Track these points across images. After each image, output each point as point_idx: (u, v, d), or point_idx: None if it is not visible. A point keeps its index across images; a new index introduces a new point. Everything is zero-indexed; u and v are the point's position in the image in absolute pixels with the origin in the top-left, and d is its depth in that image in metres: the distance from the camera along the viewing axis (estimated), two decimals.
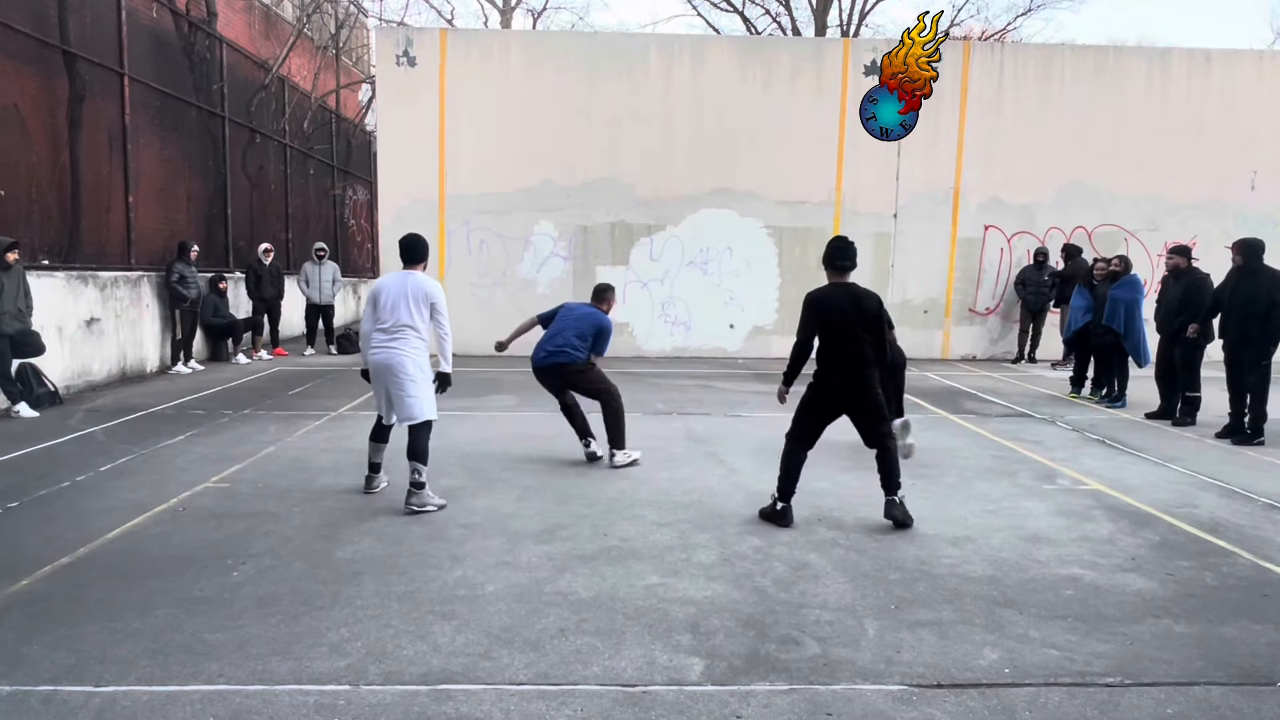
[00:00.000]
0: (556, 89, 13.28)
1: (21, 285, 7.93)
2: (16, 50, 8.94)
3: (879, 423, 5.07)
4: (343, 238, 21.28)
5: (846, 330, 4.95)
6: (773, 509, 5.12)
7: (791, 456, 5.12)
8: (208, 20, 13.44)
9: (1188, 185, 13.79)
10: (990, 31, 26.83)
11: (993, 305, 14.07)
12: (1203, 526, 5.19)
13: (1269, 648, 3.56)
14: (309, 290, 13.65)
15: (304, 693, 3.06)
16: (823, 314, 4.99)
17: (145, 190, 11.31)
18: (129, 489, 5.61)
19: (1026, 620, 3.78)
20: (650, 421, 8.18)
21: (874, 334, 5.01)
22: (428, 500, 5.27)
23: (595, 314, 6.60)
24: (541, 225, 13.41)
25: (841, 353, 4.99)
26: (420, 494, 5.25)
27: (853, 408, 5.10)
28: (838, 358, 5.00)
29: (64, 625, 3.57)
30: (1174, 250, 8.70)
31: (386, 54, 13.17)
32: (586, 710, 2.99)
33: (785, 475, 5.09)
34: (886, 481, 5.08)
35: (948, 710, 3.02)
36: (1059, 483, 6.19)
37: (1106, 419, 8.80)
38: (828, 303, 5.01)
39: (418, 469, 5.26)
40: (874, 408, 5.05)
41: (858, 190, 13.59)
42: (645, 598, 3.95)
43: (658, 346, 13.64)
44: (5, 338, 7.80)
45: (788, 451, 5.14)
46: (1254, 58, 14.24)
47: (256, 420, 8.02)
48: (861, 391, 5.02)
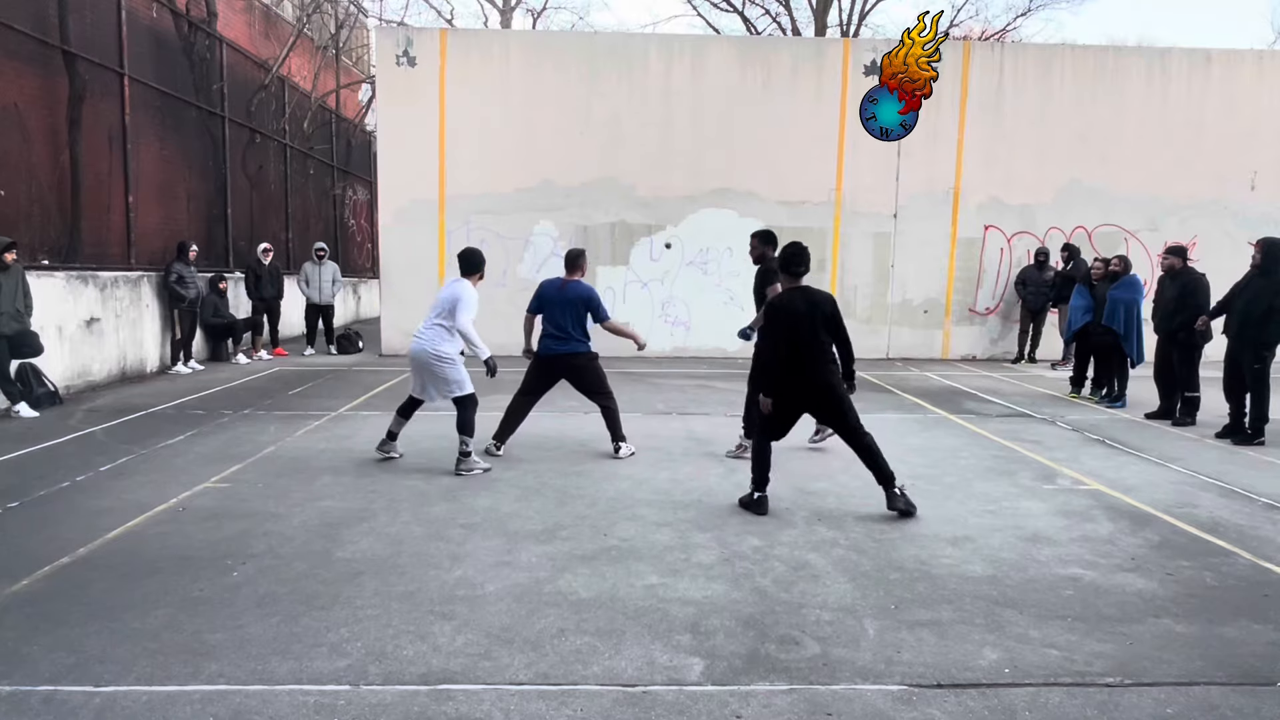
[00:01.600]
0: (556, 89, 13.27)
1: (21, 286, 7.93)
2: (16, 50, 8.94)
3: (844, 418, 5.33)
4: (343, 238, 21.29)
5: (809, 333, 5.22)
6: (750, 498, 5.39)
7: (763, 450, 5.40)
8: (208, 20, 13.44)
9: (1188, 185, 13.79)
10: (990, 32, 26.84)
11: (993, 305, 14.07)
12: (1203, 526, 5.19)
13: (1269, 648, 3.56)
14: (309, 290, 13.65)
15: (304, 693, 3.06)
16: (785, 319, 5.24)
17: (145, 190, 11.31)
18: (129, 489, 5.61)
19: (1026, 620, 3.78)
20: (650, 421, 8.17)
21: (832, 334, 5.31)
22: (473, 466, 6.10)
23: (577, 289, 6.64)
24: (541, 225, 13.41)
25: (803, 354, 5.24)
26: (465, 461, 6.10)
27: (817, 407, 5.44)
28: (799, 359, 5.24)
29: (64, 625, 3.57)
30: (1170, 251, 8.69)
31: (386, 54, 13.17)
32: (586, 710, 2.99)
33: (759, 467, 5.38)
34: (878, 475, 5.33)
35: (948, 710, 3.02)
36: (1059, 483, 6.19)
37: (1106, 419, 8.80)
38: (788, 308, 5.27)
39: (463, 440, 6.09)
40: (837, 405, 5.32)
41: (858, 190, 13.59)
42: (645, 598, 3.95)
43: (658, 346, 13.62)
44: (3, 339, 7.79)
45: (759, 446, 5.42)
46: (1254, 58, 14.23)
47: (256, 420, 8.02)
48: (824, 391, 5.30)
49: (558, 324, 6.61)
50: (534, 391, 6.82)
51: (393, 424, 6.46)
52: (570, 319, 6.57)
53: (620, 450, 6.72)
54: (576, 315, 6.58)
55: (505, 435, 6.76)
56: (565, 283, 6.66)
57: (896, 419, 8.55)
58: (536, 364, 6.77)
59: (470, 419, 6.12)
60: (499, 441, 6.72)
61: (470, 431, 6.10)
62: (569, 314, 6.57)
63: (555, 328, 6.62)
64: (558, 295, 6.63)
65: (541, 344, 6.71)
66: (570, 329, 6.59)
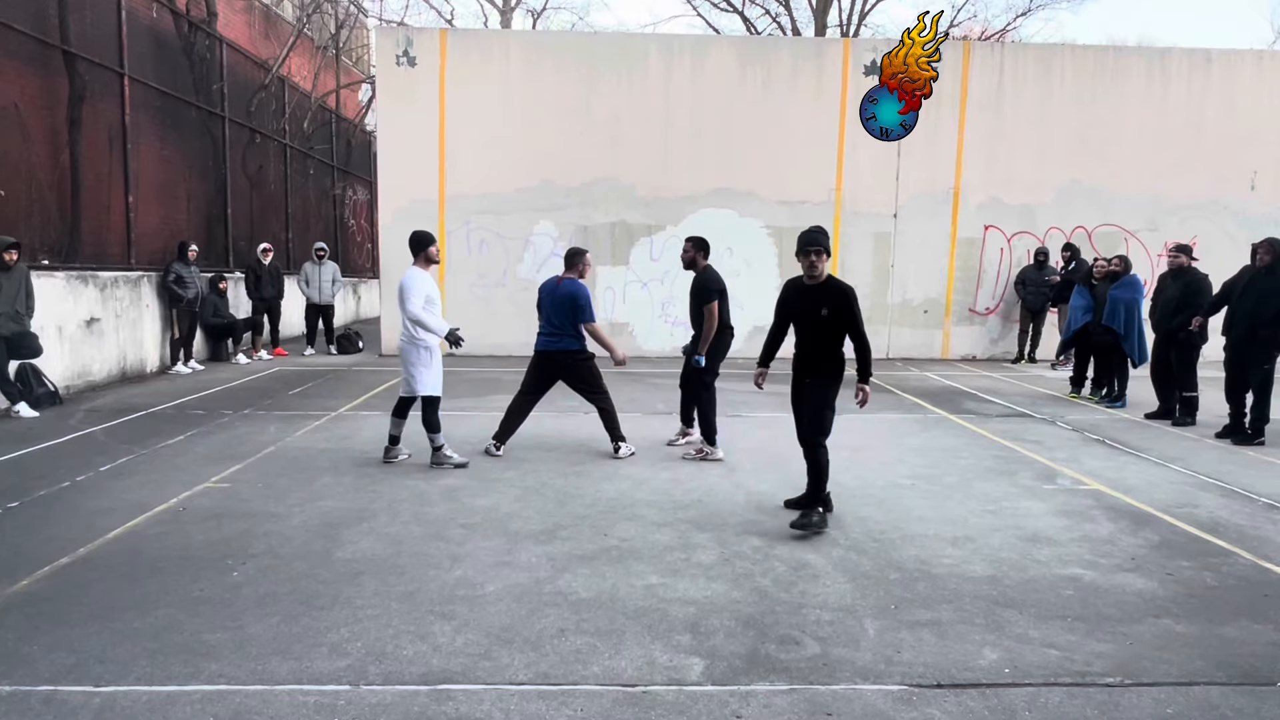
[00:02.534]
0: (556, 89, 13.27)
1: (24, 286, 7.93)
2: (16, 50, 8.94)
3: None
4: (343, 238, 21.29)
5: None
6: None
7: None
8: (208, 20, 13.44)
9: (1188, 185, 13.78)
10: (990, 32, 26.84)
11: (993, 305, 14.07)
12: (1203, 526, 5.18)
13: (1269, 648, 3.56)
14: (309, 290, 13.65)
15: (304, 693, 3.06)
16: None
17: (145, 190, 11.31)
18: (129, 489, 5.61)
19: (1026, 620, 3.78)
20: (650, 421, 8.17)
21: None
22: (445, 459, 6.25)
23: (567, 287, 6.65)
24: (541, 225, 13.40)
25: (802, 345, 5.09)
26: (437, 454, 6.27)
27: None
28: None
29: (64, 625, 3.57)
30: (1178, 248, 8.69)
31: (386, 54, 13.16)
32: (586, 710, 2.99)
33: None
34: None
35: (948, 710, 3.02)
36: (1059, 483, 6.19)
37: (1106, 419, 8.80)
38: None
39: (431, 438, 6.27)
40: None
41: (858, 190, 13.58)
42: (645, 598, 3.95)
43: (658, 346, 13.63)
44: (1, 339, 7.78)
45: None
46: (1254, 58, 14.23)
47: (256, 420, 8.02)
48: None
49: (550, 320, 6.69)
50: (534, 391, 6.84)
51: (392, 428, 6.48)
52: (562, 316, 6.62)
53: (620, 450, 6.73)
54: (568, 313, 6.61)
55: (506, 435, 6.77)
56: (560, 280, 6.71)
57: (896, 419, 8.55)
58: (533, 360, 6.81)
59: (433, 419, 6.24)
60: (499, 441, 6.73)
61: (436, 429, 6.26)
62: (561, 311, 6.62)
63: (549, 324, 6.72)
64: (551, 292, 6.70)
65: (537, 340, 6.79)
66: (562, 326, 6.64)
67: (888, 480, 6.14)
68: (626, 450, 6.73)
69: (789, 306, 5.18)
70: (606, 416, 6.77)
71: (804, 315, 5.03)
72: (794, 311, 5.13)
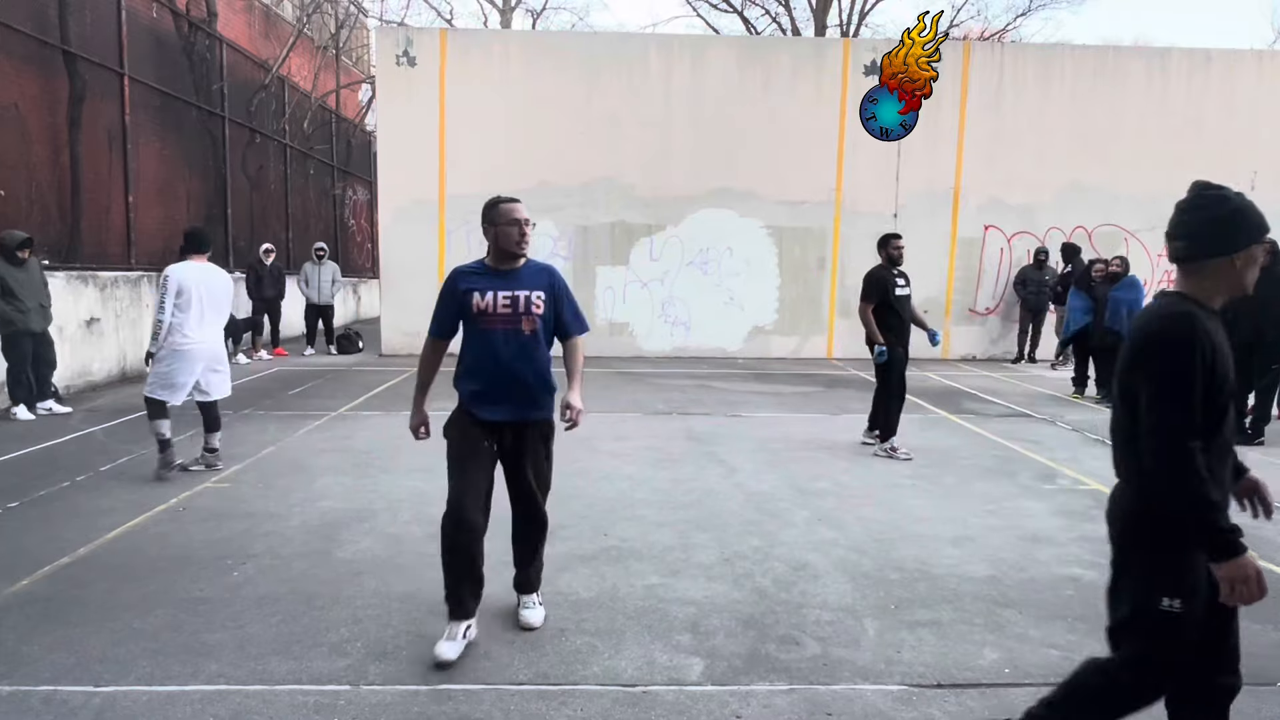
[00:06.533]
0: (556, 89, 13.27)
1: (42, 280, 7.99)
2: (16, 50, 8.94)
3: None
4: (343, 238, 21.27)
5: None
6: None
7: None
8: (208, 20, 13.44)
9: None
10: (990, 32, 26.83)
11: (993, 305, 14.07)
12: None
13: (1269, 648, 3.56)
14: (309, 290, 13.64)
15: (304, 693, 3.06)
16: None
17: (145, 190, 11.31)
18: (129, 489, 5.61)
19: (1026, 620, 3.78)
20: (650, 421, 8.17)
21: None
22: (202, 461, 6.17)
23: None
24: (541, 225, 13.37)
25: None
26: (209, 456, 6.19)
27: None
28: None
29: (64, 625, 3.56)
30: None
31: (386, 54, 13.17)
32: (586, 710, 2.98)
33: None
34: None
35: (948, 710, 3.02)
36: (1059, 483, 6.19)
37: (1106, 419, 8.78)
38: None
39: (207, 436, 6.23)
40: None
41: (858, 190, 13.58)
42: (645, 598, 3.95)
43: (658, 346, 13.64)
44: (30, 336, 7.79)
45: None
46: (1254, 58, 14.24)
47: (256, 420, 8.02)
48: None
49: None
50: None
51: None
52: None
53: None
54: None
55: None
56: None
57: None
58: None
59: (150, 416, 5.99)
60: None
61: (216, 427, 6.24)
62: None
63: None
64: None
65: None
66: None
67: (888, 480, 6.14)
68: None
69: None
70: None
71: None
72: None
